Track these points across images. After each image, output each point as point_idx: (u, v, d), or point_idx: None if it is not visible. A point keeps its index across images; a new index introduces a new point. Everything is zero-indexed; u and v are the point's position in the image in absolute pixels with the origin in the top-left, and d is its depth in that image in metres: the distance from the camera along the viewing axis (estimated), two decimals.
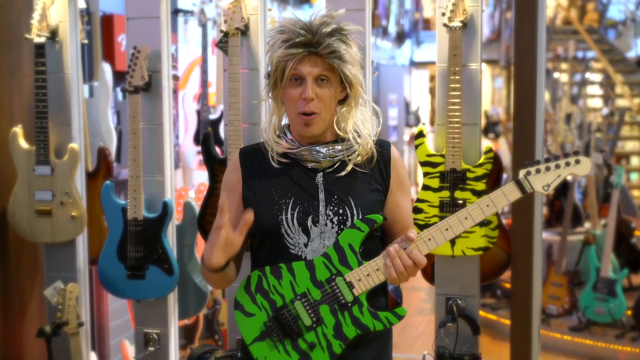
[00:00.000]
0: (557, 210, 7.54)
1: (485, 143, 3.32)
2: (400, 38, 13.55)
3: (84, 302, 3.62)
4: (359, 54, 2.14)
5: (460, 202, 3.03)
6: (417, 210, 3.08)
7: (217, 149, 3.41)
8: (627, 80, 11.26)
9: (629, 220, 6.70)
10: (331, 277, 2.09)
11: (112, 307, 4.81)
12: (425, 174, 3.10)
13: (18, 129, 3.52)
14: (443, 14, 3.03)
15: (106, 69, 4.51)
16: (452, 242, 3.05)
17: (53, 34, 3.47)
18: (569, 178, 7.42)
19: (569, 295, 6.27)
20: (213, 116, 5.58)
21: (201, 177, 5.87)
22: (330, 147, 2.14)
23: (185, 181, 5.82)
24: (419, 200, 3.09)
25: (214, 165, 3.32)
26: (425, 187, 3.09)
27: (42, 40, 3.43)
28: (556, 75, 11.60)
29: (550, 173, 2.06)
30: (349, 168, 2.14)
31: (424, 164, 3.10)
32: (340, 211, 2.11)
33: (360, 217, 2.12)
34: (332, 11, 2.12)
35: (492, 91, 16.03)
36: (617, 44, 12.54)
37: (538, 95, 3.12)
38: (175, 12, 5.80)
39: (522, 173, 2.07)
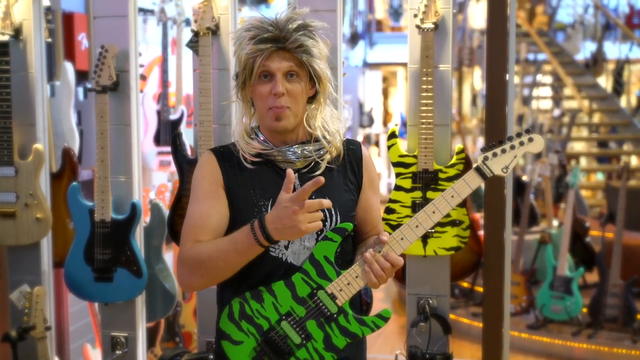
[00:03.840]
0: (513, 210, 7.63)
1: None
2: (354, 39, 13.60)
3: (49, 306, 3.55)
4: (325, 50, 2.15)
5: None
6: (389, 211, 3.09)
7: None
8: (576, 82, 11.47)
9: (583, 220, 6.82)
10: (312, 291, 2.08)
11: (72, 310, 4.72)
12: (398, 175, 3.10)
13: None
14: (415, 16, 3.04)
15: (68, 68, 4.43)
16: (425, 242, 3.07)
17: (17, 32, 3.39)
18: (525, 178, 7.54)
19: (526, 293, 6.35)
20: (173, 116, 5.52)
21: (161, 178, 5.81)
22: (304, 148, 2.15)
23: (145, 182, 5.75)
24: (391, 201, 3.10)
25: (184, 166, 3.28)
26: (398, 188, 3.10)
27: (5, 38, 3.35)
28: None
29: (507, 155, 2.10)
30: (322, 167, 2.15)
31: (396, 164, 3.11)
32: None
33: (339, 217, 2.13)
34: (297, 9, 2.13)
35: None
36: (565, 46, 12.76)
37: (509, 96, 3.16)
38: None
39: (480, 159, 2.10)
